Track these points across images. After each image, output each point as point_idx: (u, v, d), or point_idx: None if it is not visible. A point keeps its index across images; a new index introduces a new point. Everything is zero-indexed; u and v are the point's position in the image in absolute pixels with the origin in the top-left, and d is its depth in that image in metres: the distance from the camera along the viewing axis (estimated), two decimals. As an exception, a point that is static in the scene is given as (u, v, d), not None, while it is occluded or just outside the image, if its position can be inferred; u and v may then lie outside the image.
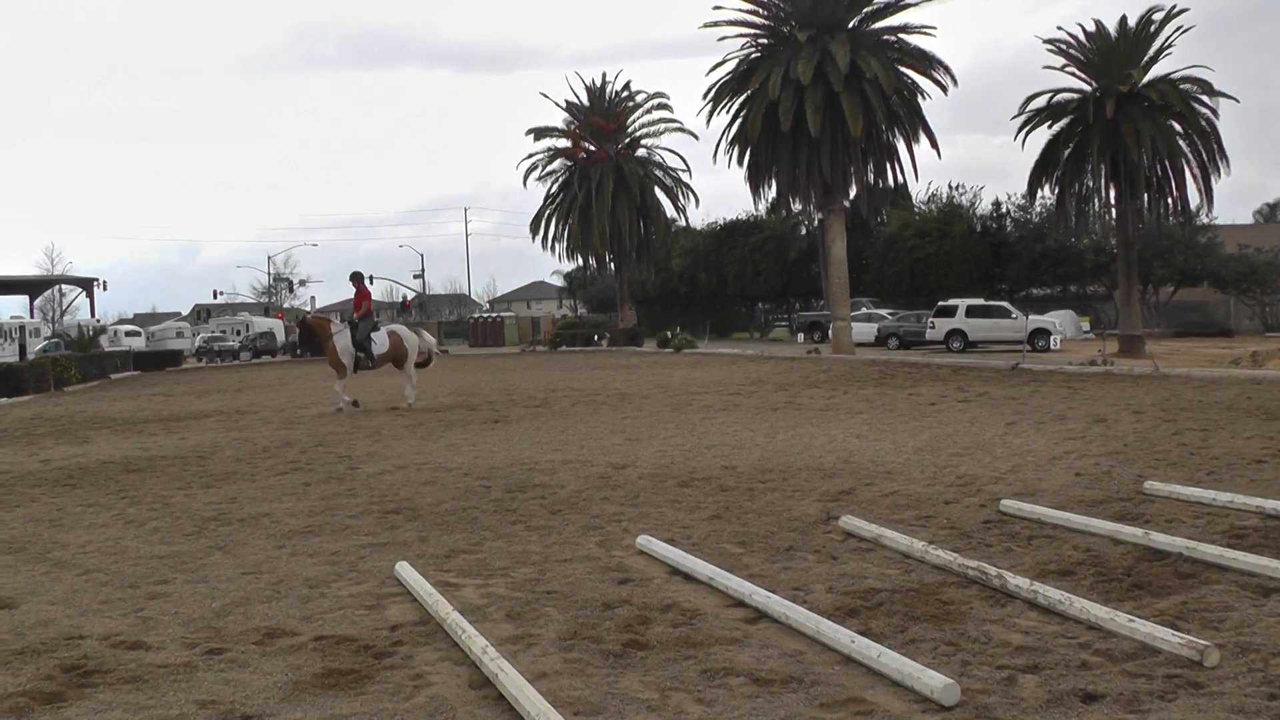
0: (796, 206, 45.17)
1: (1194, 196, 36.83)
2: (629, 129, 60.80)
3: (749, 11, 39.93)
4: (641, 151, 60.95)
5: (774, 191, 41.44)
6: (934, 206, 56.84)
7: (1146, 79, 35.93)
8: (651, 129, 60.93)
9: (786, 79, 36.81)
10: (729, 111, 40.68)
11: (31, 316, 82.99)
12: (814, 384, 23.08)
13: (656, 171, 60.49)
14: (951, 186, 60.36)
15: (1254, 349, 33.00)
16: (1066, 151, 37.57)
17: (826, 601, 5.87)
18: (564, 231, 60.65)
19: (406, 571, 6.77)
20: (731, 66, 40.38)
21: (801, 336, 50.70)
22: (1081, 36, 37.32)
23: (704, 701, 4.50)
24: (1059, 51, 37.59)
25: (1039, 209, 51.11)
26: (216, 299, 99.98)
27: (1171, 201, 36.92)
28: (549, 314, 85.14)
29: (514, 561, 7.23)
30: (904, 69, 38.28)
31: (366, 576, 7.01)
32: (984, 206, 56.32)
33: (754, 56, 39.91)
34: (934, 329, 40.07)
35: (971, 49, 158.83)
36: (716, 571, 6.34)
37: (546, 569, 6.96)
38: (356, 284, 21.45)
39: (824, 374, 26.78)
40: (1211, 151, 35.81)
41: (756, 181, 41.08)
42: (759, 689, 4.61)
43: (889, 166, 39.76)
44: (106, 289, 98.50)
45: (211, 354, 63.20)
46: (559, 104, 61.25)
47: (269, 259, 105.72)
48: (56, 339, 66.28)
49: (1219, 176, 36.05)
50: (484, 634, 5.31)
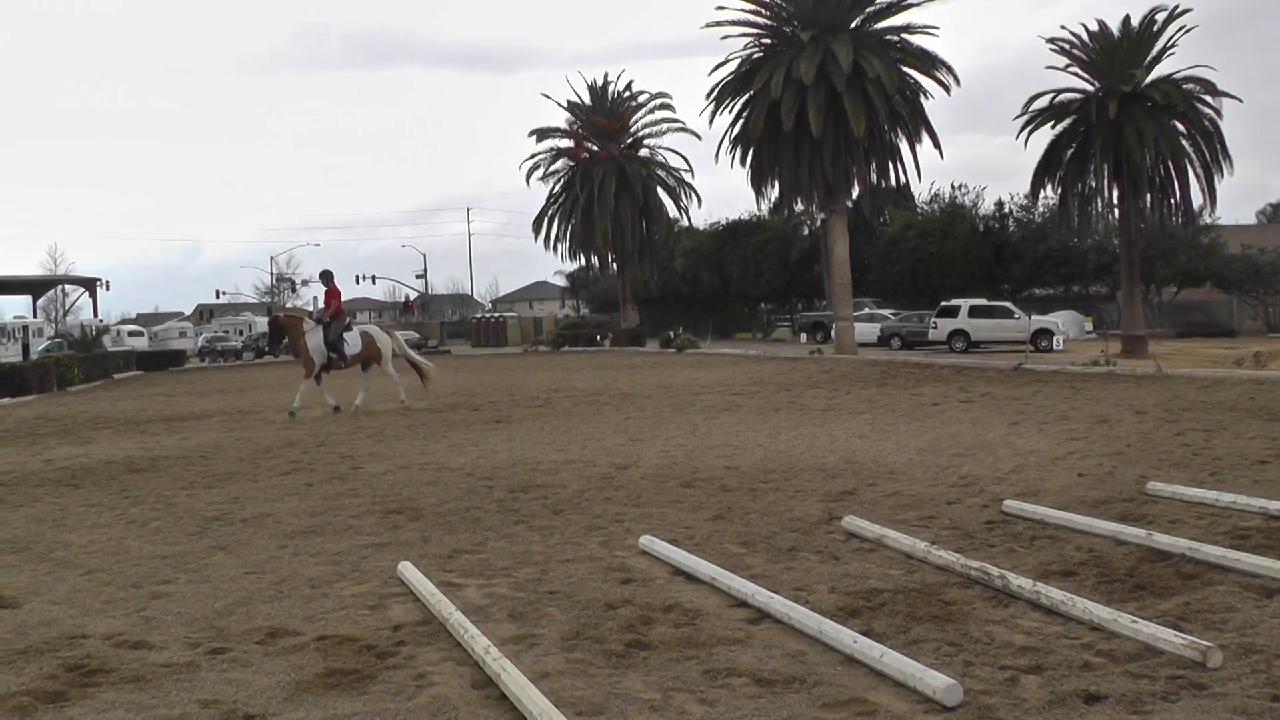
0: (799, 206, 45.13)
1: (1197, 196, 36.90)
2: (631, 129, 60.75)
3: (751, 11, 39.92)
4: (644, 152, 60.90)
5: (776, 191, 41.43)
6: (936, 206, 56.82)
7: (1149, 79, 35.90)
8: (654, 129, 60.88)
9: (789, 79, 36.79)
10: (731, 111, 40.67)
11: (34, 316, 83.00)
12: (816, 384, 23.08)
13: (659, 171, 60.44)
14: (954, 186, 60.17)
15: (1257, 349, 32.91)
16: (1069, 151, 37.55)
17: (829, 602, 5.87)
18: (566, 231, 60.60)
19: (409, 571, 6.77)
20: (734, 66, 40.37)
21: (804, 337, 50.63)
22: (1085, 36, 37.27)
23: (706, 702, 4.50)
24: (1062, 51, 37.55)
25: (1042, 209, 51.03)
26: (219, 299, 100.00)
27: (1174, 202, 36.87)
28: (551, 314, 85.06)
29: (516, 562, 7.23)
30: (906, 69, 38.24)
31: (369, 576, 7.01)
32: (987, 206, 56.32)
33: (756, 56, 39.90)
34: (937, 329, 40.04)
35: (974, 48, 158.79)
36: (719, 572, 6.34)
37: (549, 569, 6.96)
38: (326, 283, 21.25)
39: (826, 374, 26.77)
40: (1214, 151, 35.77)
41: (759, 181, 41.06)
42: (761, 689, 4.61)
43: (891, 166, 39.74)
44: (109, 289, 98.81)
45: (214, 354, 63.19)
46: (561, 104, 61.18)
47: (271, 259, 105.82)
48: (59, 339, 66.22)
49: (1222, 176, 36.09)
50: (486, 634, 5.31)
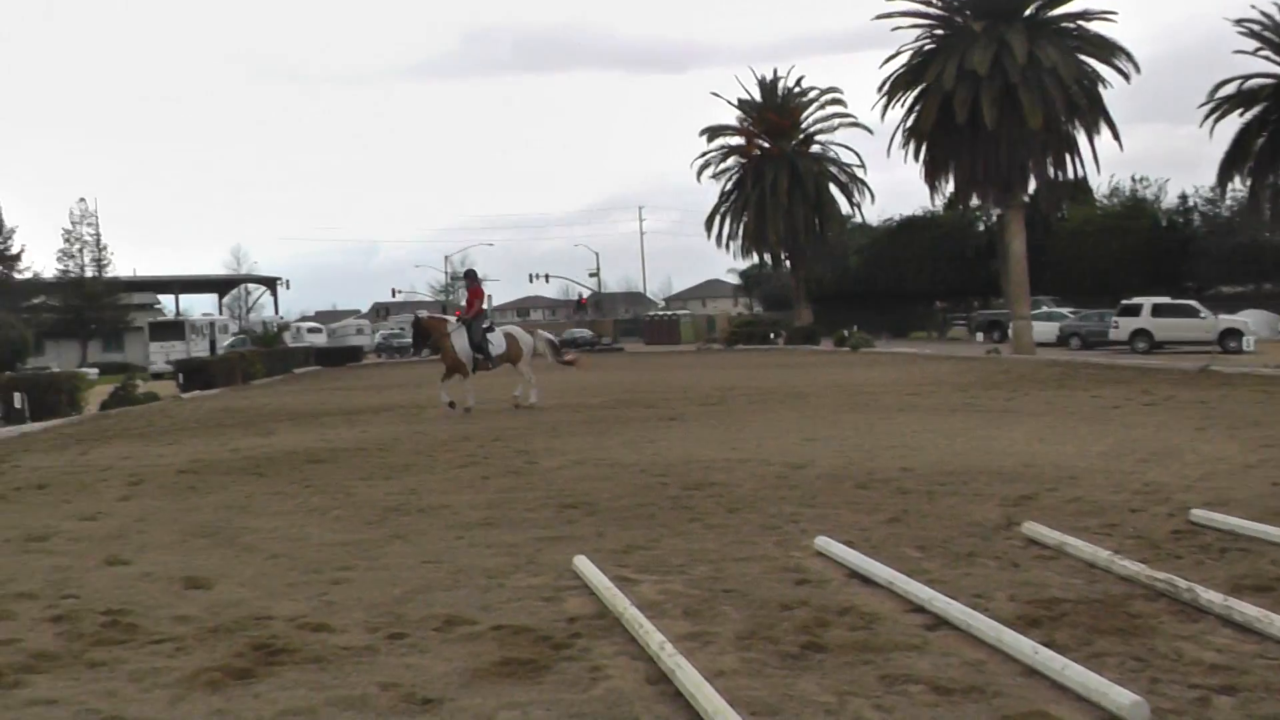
0: (974, 201, 44.13)
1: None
2: (802, 125, 60.26)
3: (923, 2, 39.14)
4: (816, 148, 60.36)
5: (951, 186, 40.60)
6: (1116, 200, 54.86)
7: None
8: (825, 124, 60.30)
9: (962, 70, 35.93)
10: (903, 105, 40.05)
11: (220, 314, 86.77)
12: (993, 385, 22.52)
13: (831, 167, 59.84)
14: (1135, 179, 57.80)
15: None
16: (1260, 141, 35.50)
17: (1008, 610, 5.70)
18: (738, 229, 60.50)
19: (584, 565, 6.81)
20: (905, 59, 39.69)
21: (980, 336, 49.41)
22: (1277, 16, 35.20)
23: (883, 708, 4.41)
24: (1251, 34, 35.40)
25: (1230, 202, 48.70)
26: (395, 297, 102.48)
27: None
28: (724, 312, 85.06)
29: (691, 559, 7.21)
30: (1084, 57, 36.91)
31: (544, 569, 7.08)
32: (1169, 200, 54.09)
33: (928, 48, 39.10)
34: (1118, 328, 38.48)
35: (1155, 33, 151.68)
36: (896, 575, 6.22)
37: (724, 567, 6.92)
38: (470, 282, 21.30)
39: (1003, 374, 26.09)
40: None
41: (933, 176, 40.32)
42: (939, 697, 4.49)
43: (1068, 159, 38.54)
44: (289, 287, 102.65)
45: (390, 350, 64.84)
46: (731, 102, 61.09)
47: (446, 258, 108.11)
48: (243, 335, 68.94)
49: None
50: (661, 630, 5.30)
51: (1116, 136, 37.88)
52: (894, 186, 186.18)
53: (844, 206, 60.53)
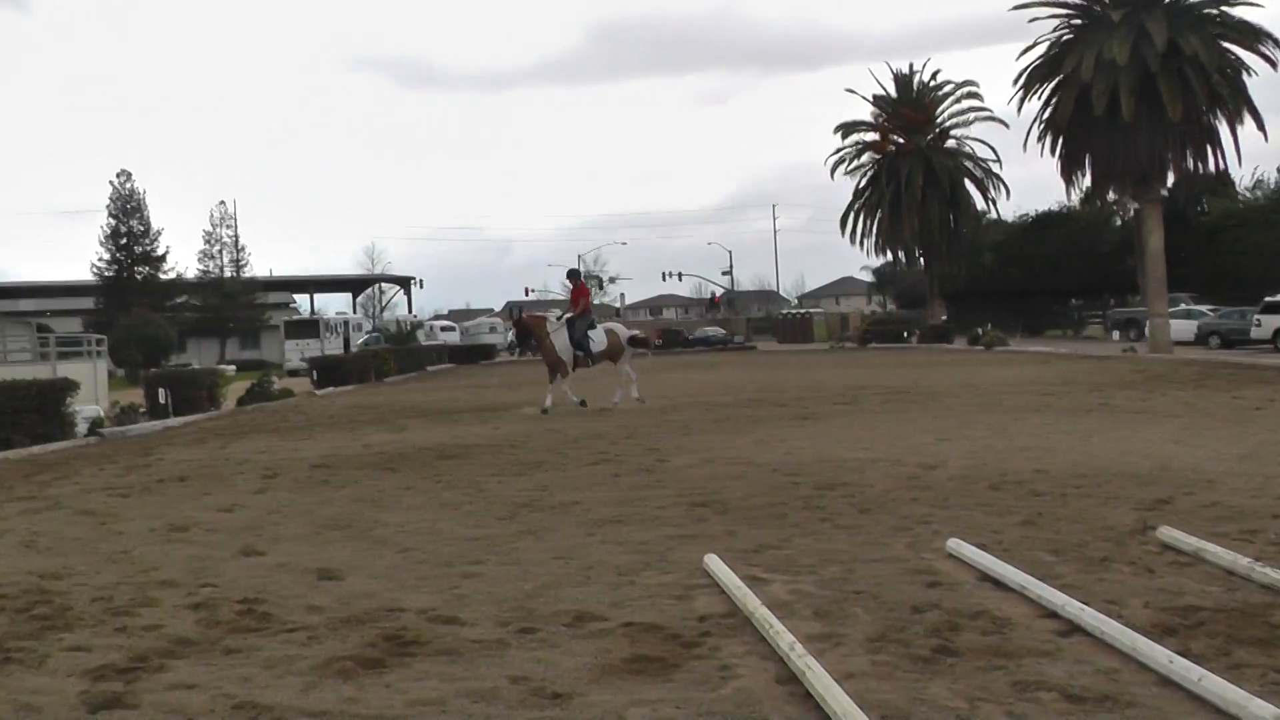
0: (1111, 196, 42.85)
1: None
2: (937, 120, 59.24)
3: (1061, -10, 38.15)
4: (951, 142, 59.25)
5: (1087, 180, 39.50)
6: (1260, 193, 52.67)
7: None
8: (961, 119, 59.19)
9: (1100, 61, 34.84)
10: (1040, 98, 39.04)
11: (354, 312, 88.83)
12: (1129, 385, 21.87)
13: (966, 163, 58.71)
14: (1280, 171, 55.56)
15: None
16: None
17: (1143, 617, 5.55)
18: (872, 226, 59.77)
19: (715, 564, 6.81)
20: (1042, 50, 38.70)
21: (1116, 334, 47.98)
22: None
23: (1014, 715, 4.34)
24: None
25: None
26: (528, 296, 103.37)
27: None
28: (858, 310, 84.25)
29: (822, 559, 7.16)
30: (1227, 45, 35.46)
31: (675, 567, 7.08)
32: (1318, 192, 51.73)
33: (1066, 38, 38.04)
34: (1260, 327, 36.86)
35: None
36: (1028, 580, 6.11)
37: (854, 568, 6.86)
38: (573, 282, 21.32)
39: (1140, 374, 25.31)
40: None
41: (1069, 170, 39.26)
42: (1072, 706, 4.40)
43: (1209, 151, 37.06)
44: (423, 286, 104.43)
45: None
46: (866, 98, 60.39)
47: (579, 257, 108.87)
48: (377, 333, 70.48)
49: None
50: (791, 630, 5.28)
51: (1261, 127, 36.31)
52: (1030, 181, 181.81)
53: (979, 202, 59.40)
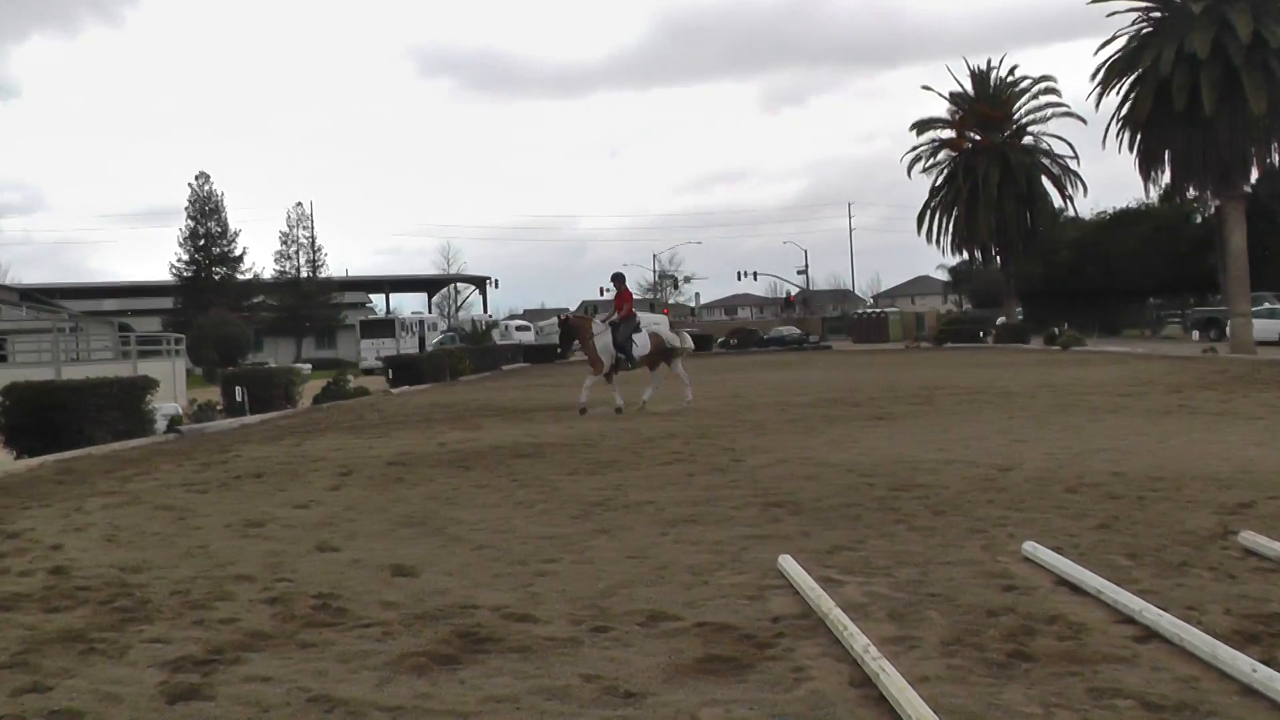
0: (1191, 193, 41.90)
1: None
2: (1014, 116, 58.26)
3: (1140, -16, 37.38)
4: (1027, 139, 58.28)
5: (1167, 177, 38.66)
6: (1347, 191, 51.12)
7: None
8: (1038, 115, 58.14)
9: (1180, 55, 34.06)
10: (1118, 93, 38.30)
11: (430, 312, 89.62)
12: (1209, 386, 21.34)
13: (1043, 159, 57.68)
14: (1372, 168, 53.82)
15: None
16: None
17: (1224, 624, 5.40)
18: (948, 225, 59.01)
19: (789, 565, 6.74)
20: (1121, 44, 37.96)
21: (1196, 334, 46.90)
22: None
23: (1090, 722, 4.26)
24: None
25: None
26: (603, 296, 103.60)
27: None
28: (933, 309, 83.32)
29: (896, 561, 7.07)
30: (1314, 36, 34.50)
31: (748, 567, 7.03)
32: None
33: (1145, 32, 37.27)
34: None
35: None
36: (1105, 584, 5.98)
37: (929, 571, 6.76)
38: (618, 285, 21.11)
39: (1220, 375, 24.68)
40: None
41: (1147, 166, 38.46)
42: (1149, 714, 4.29)
43: (1293, 146, 36.10)
44: (498, 286, 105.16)
45: None
46: (942, 95, 59.67)
47: (654, 257, 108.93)
48: (452, 333, 71.07)
49: None
50: (865, 633, 5.22)
51: (1349, 120, 35.27)
52: (1108, 178, 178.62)
53: (1056, 200, 58.33)
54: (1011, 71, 58.73)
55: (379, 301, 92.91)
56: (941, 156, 59.64)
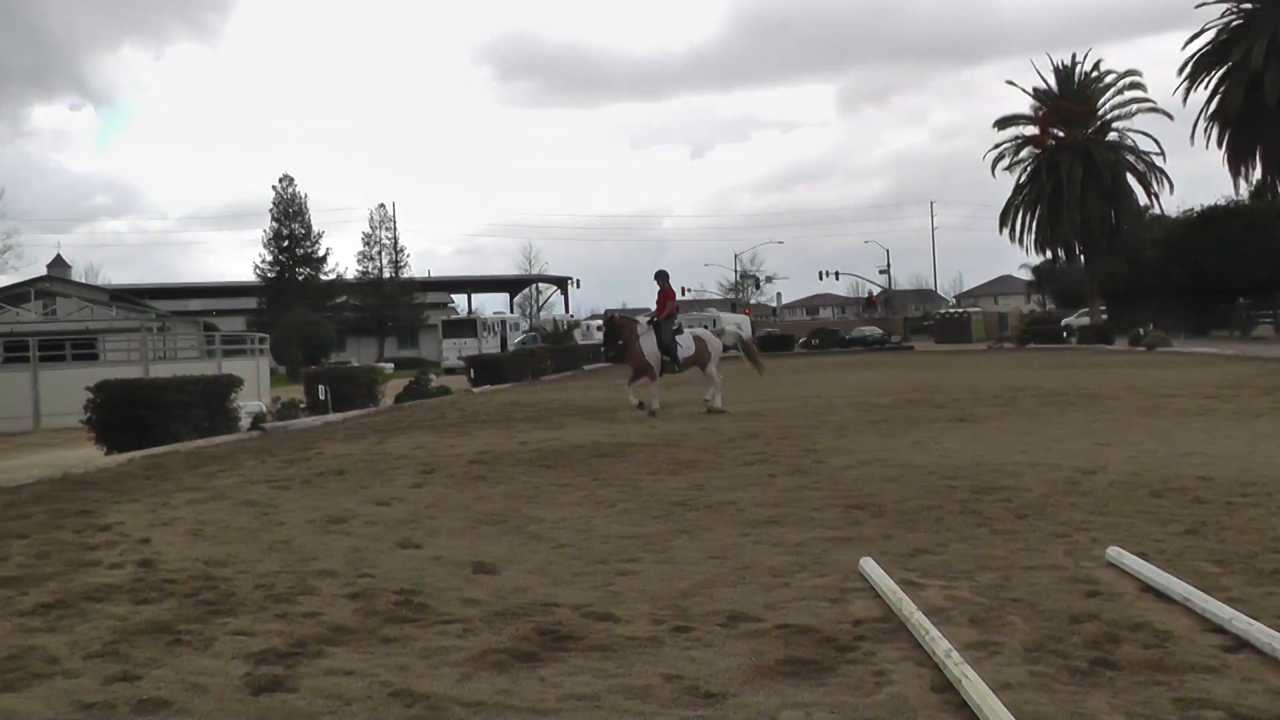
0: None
1: None
2: (1099, 112, 56.96)
3: (1231, -24, 36.40)
4: (1112, 135, 56.96)
5: (1258, 173, 37.67)
6: None
7: None
8: (1123, 110, 56.81)
9: (1272, 47, 33.14)
10: (1207, 87, 37.45)
11: (511, 312, 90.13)
12: (1302, 387, 20.74)
13: (1128, 156, 56.34)
14: None
15: None
16: None
17: (1317, 635, 5.26)
18: (1031, 223, 57.98)
19: (870, 567, 6.67)
20: (1210, 37, 37.06)
21: (1288, 334, 45.64)
22: None
23: (1177, 733, 4.16)
24: None
25: None
26: (684, 296, 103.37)
27: None
28: (1016, 309, 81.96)
29: (978, 565, 6.95)
30: None
31: (830, 569, 6.96)
32: None
33: (1235, 25, 36.34)
34: None
35: None
36: (1192, 592, 5.82)
37: (1011, 575, 6.65)
38: (661, 284, 20.87)
39: (1314, 376, 23.98)
40: None
41: (1237, 162, 37.60)
42: (1238, 726, 4.19)
43: (1391, 142, 34.93)
44: (580, 287, 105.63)
45: None
46: (1026, 90, 58.64)
47: (735, 256, 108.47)
48: (534, 333, 71.40)
49: None
50: (947, 637, 5.15)
51: None
52: (1195, 175, 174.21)
53: (1141, 197, 57.01)
54: (1096, 66, 57.57)
55: (461, 302, 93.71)
56: (1025, 154, 58.65)
